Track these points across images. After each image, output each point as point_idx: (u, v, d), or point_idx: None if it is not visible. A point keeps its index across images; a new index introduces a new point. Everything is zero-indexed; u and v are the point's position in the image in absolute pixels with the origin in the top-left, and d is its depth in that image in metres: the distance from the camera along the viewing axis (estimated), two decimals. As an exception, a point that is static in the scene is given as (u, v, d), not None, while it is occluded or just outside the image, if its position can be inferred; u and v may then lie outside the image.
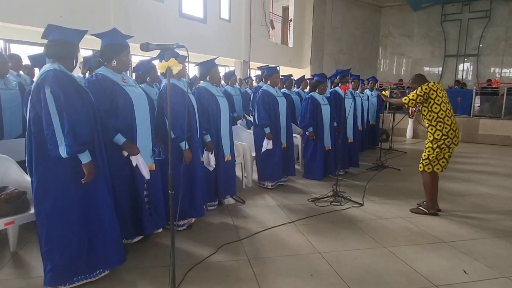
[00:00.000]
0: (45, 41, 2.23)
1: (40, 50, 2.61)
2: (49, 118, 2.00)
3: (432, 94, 3.64)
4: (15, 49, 6.82)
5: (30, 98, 2.09)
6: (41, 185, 2.13)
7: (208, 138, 3.55)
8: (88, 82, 2.55)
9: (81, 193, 2.20)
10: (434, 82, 3.73)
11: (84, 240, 2.23)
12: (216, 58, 3.75)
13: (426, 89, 3.65)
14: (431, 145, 3.72)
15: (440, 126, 3.65)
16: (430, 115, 3.69)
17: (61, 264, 2.17)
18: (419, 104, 3.76)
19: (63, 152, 2.00)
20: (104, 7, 7.00)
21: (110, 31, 2.63)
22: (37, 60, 4.04)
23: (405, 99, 3.74)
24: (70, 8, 6.35)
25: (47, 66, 2.14)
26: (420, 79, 3.86)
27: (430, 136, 3.74)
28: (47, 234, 2.16)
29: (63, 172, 2.12)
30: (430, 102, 3.66)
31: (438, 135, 3.66)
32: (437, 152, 3.68)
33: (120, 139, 2.52)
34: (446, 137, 3.64)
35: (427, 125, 3.76)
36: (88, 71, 4.15)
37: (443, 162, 3.73)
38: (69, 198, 2.15)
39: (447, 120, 3.64)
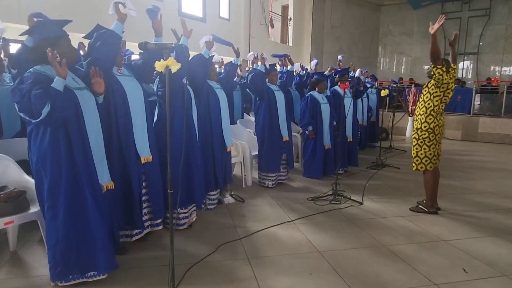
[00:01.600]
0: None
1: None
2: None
3: (443, 87, 3.56)
4: (14, 48, 6.81)
5: None
6: (36, 180, 2.20)
7: None
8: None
9: (67, 197, 2.17)
10: (452, 82, 3.63)
11: (71, 243, 2.20)
12: (213, 56, 3.75)
13: (445, 80, 3.52)
14: (417, 136, 3.70)
15: (430, 119, 3.62)
16: (429, 104, 3.62)
17: (53, 261, 2.19)
18: (432, 86, 3.60)
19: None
20: (103, 7, 6.97)
21: (94, 29, 2.66)
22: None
23: (439, 63, 3.48)
24: (69, 7, 6.34)
25: (32, 68, 2.15)
26: (445, 62, 3.59)
27: (417, 124, 3.70)
28: (46, 229, 2.23)
29: (50, 172, 2.13)
30: (436, 92, 3.56)
31: (424, 126, 3.64)
32: (424, 149, 3.66)
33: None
34: (431, 130, 3.62)
35: (422, 112, 3.67)
36: None
37: (434, 159, 3.71)
38: (56, 199, 2.15)
39: (438, 118, 3.62)
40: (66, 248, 2.18)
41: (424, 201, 3.92)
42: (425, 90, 3.71)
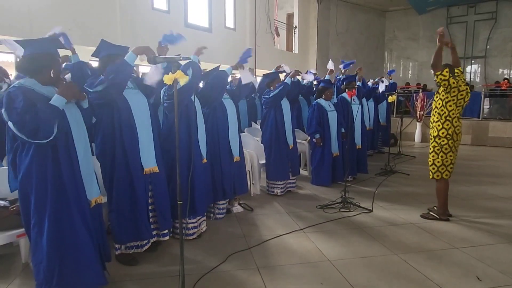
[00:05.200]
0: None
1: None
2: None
3: (454, 91, 3.52)
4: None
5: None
6: (22, 196, 2.16)
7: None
8: None
9: (52, 215, 2.13)
10: (465, 85, 3.61)
11: (54, 263, 2.14)
12: (218, 66, 3.80)
13: (453, 83, 3.49)
14: (436, 144, 3.66)
15: (447, 125, 3.59)
16: (442, 110, 3.59)
17: (38, 279, 2.15)
18: (440, 84, 3.59)
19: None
20: (111, 19, 7.13)
21: (99, 45, 2.70)
22: None
23: (438, 70, 3.50)
24: (78, 21, 6.48)
25: (16, 82, 2.14)
26: (447, 66, 3.59)
27: (434, 132, 3.67)
28: (31, 246, 2.20)
29: (35, 188, 2.10)
30: (447, 97, 3.54)
31: (442, 133, 3.61)
32: (441, 156, 3.63)
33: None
34: (450, 137, 3.59)
35: (436, 119, 3.65)
36: None
37: (450, 168, 3.68)
38: (42, 215, 2.12)
39: (455, 122, 3.60)
40: (48, 268, 2.12)
41: (435, 207, 3.87)
42: (436, 97, 3.69)
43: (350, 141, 5.14)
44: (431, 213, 3.85)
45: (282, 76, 5.11)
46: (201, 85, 3.73)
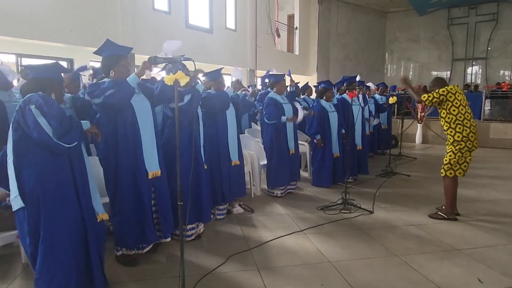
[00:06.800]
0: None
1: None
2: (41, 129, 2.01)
3: (451, 96, 3.62)
4: (26, 63, 6.98)
5: (12, 122, 2.09)
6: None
7: None
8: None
9: (70, 223, 2.14)
10: (453, 86, 3.72)
11: (70, 275, 2.14)
12: (222, 68, 3.79)
13: (443, 91, 3.63)
14: (453, 148, 3.68)
15: (459, 128, 3.62)
16: (449, 118, 3.66)
17: None
18: (435, 106, 3.75)
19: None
20: (112, 20, 7.14)
21: (104, 44, 2.70)
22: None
23: (424, 97, 3.72)
24: (79, 22, 6.49)
25: (30, 94, 2.15)
26: (439, 82, 3.86)
27: (450, 138, 3.71)
28: (41, 258, 2.12)
29: (52, 196, 2.08)
30: (448, 104, 3.64)
31: (458, 137, 3.64)
32: (458, 156, 3.66)
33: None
34: (466, 139, 3.61)
35: (446, 127, 3.72)
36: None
37: (464, 166, 3.71)
38: (58, 226, 2.09)
39: (466, 123, 3.62)
40: (65, 277, 2.10)
41: (443, 207, 3.87)
42: (439, 108, 3.77)
43: (350, 142, 5.14)
44: (439, 212, 3.85)
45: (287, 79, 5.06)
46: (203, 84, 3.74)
